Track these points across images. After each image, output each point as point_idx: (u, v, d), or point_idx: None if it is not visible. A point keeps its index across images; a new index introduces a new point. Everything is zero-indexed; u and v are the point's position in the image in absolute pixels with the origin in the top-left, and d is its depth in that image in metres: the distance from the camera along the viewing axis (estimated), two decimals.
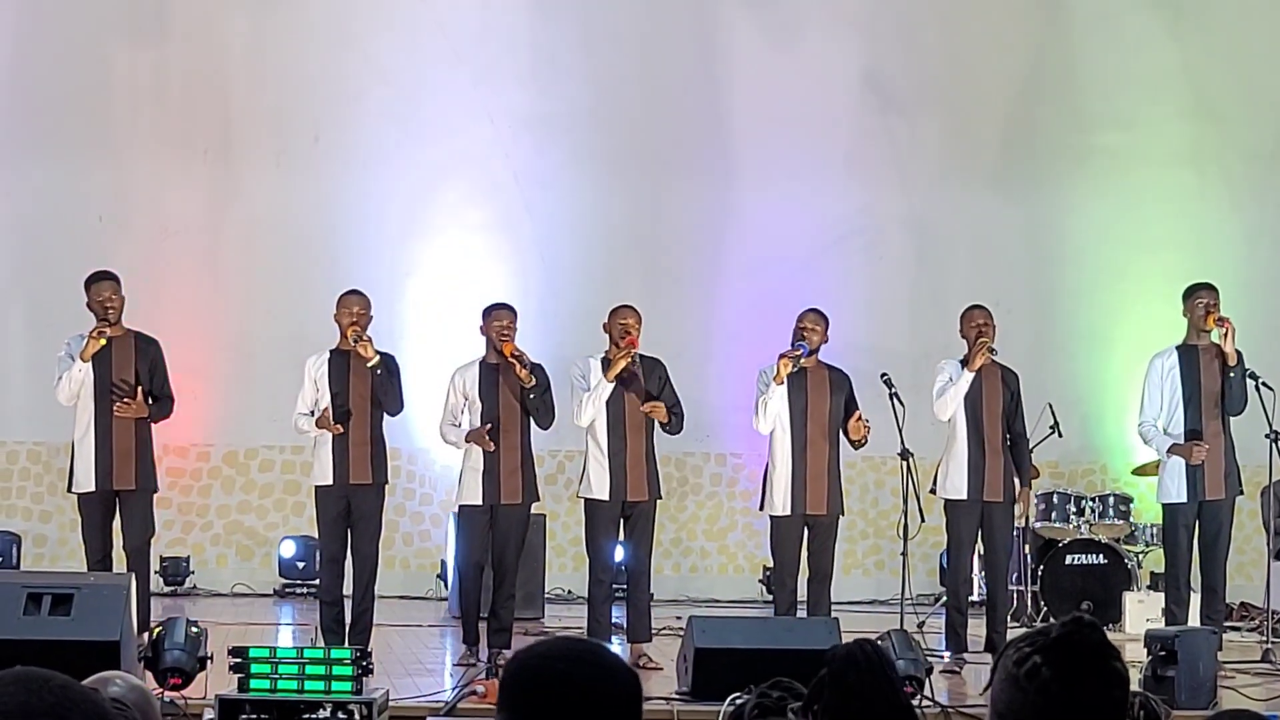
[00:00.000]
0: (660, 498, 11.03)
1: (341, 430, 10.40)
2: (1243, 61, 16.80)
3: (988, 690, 3.22)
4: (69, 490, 10.69)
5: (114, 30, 15.90)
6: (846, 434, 10.85)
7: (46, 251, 15.60)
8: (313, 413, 10.56)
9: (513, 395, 10.62)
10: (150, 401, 10.59)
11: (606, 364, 10.69)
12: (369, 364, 10.41)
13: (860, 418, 10.80)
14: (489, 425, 10.55)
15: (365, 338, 10.41)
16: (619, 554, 10.95)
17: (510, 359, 10.52)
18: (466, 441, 10.63)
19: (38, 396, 14.95)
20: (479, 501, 10.63)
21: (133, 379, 10.53)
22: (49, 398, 14.41)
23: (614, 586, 10.95)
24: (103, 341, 10.34)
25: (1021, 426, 11.20)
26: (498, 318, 10.73)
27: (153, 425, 10.65)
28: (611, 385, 10.64)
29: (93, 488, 10.41)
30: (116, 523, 10.62)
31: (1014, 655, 3.12)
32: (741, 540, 16.20)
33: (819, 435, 10.79)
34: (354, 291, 10.74)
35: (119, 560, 10.55)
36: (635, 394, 10.74)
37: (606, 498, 10.68)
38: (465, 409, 10.75)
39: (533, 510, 11.21)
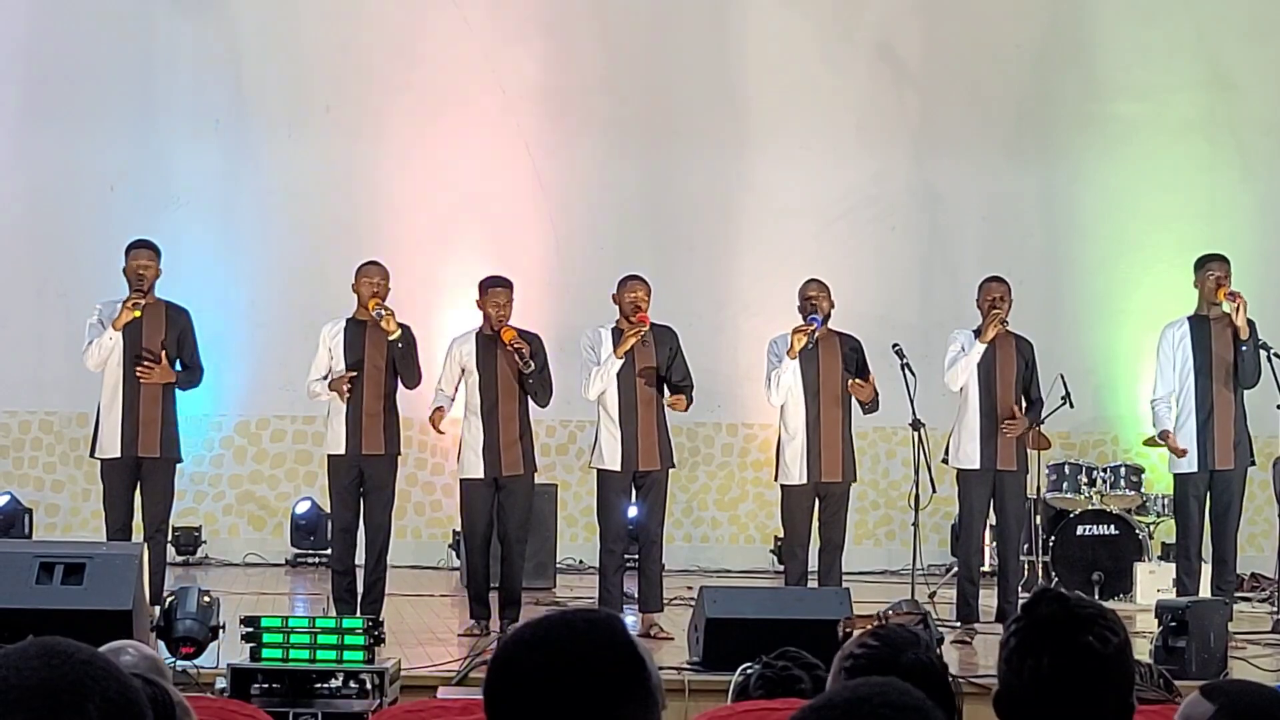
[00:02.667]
0: (673, 467, 11.01)
1: (353, 377, 10.37)
2: (1257, 31, 16.75)
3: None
4: (92, 455, 10.68)
5: (126, 1, 15.89)
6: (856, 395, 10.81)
7: (58, 221, 15.63)
8: (326, 378, 10.56)
9: (509, 366, 10.59)
10: (179, 369, 10.58)
11: (617, 335, 10.66)
12: (390, 337, 10.41)
13: (863, 383, 10.75)
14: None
15: (388, 310, 10.41)
16: (631, 513, 10.91)
17: (510, 348, 10.47)
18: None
19: (49, 365, 15.02)
20: (480, 475, 10.60)
21: (165, 349, 10.52)
22: (60, 366, 14.47)
23: (625, 557, 10.95)
24: (137, 313, 10.33)
25: (1037, 393, 11.19)
26: (494, 295, 10.62)
27: (177, 396, 10.63)
28: (621, 361, 10.62)
29: (118, 454, 10.39)
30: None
31: (1010, 629, 3.16)
32: (753, 510, 16.21)
33: (831, 403, 10.78)
34: (373, 262, 10.72)
35: (138, 530, 10.54)
36: (647, 370, 10.70)
37: (618, 468, 10.66)
38: (462, 380, 10.73)
39: (546, 481, 11.18)
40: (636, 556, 10.97)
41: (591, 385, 10.67)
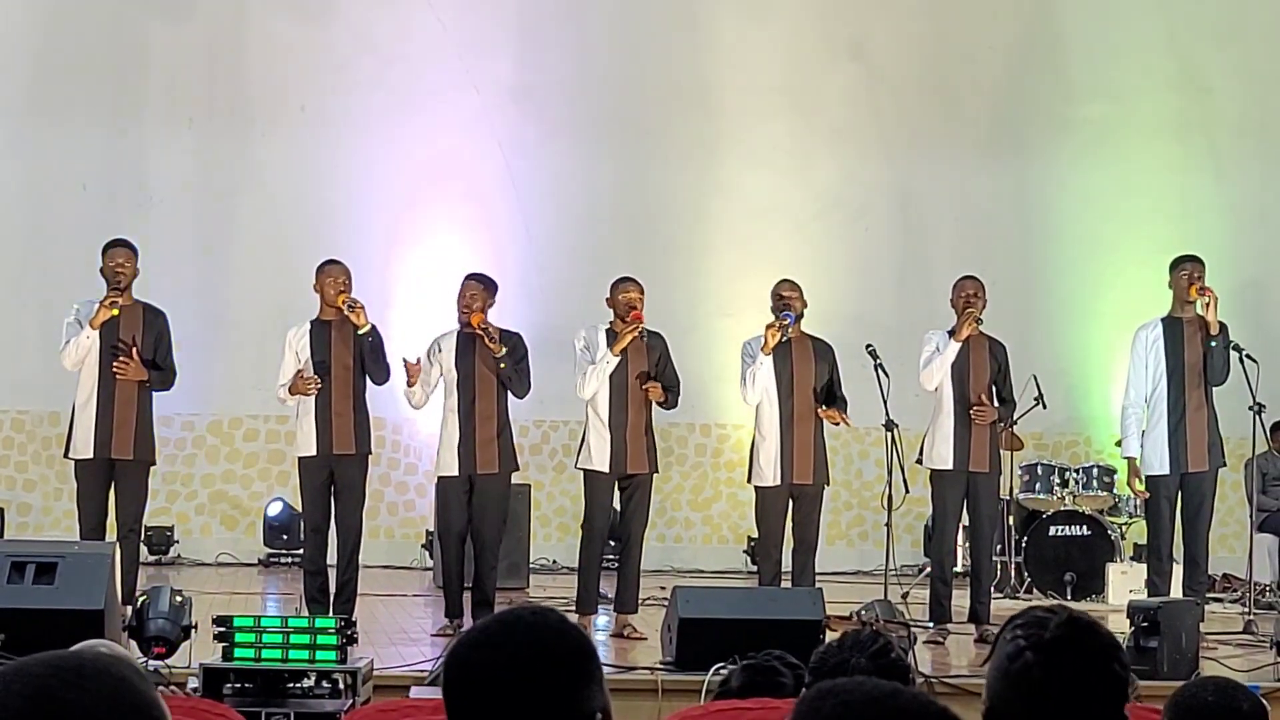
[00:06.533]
0: (657, 471, 11.00)
1: (319, 385, 10.37)
2: (1229, 33, 16.80)
3: (986, 664, 3.20)
4: (66, 456, 10.63)
5: (100, 0, 15.87)
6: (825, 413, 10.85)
7: (31, 220, 15.59)
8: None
9: (487, 365, 10.59)
10: (153, 371, 10.54)
11: (611, 335, 10.66)
12: (361, 331, 10.39)
13: (839, 413, 10.82)
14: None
15: (359, 305, 10.39)
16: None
17: (478, 331, 10.49)
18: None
19: (22, 364, 14.96)
20: (455, 473, 10.60)
21: (137, 345, 10.48)
22: (33, 365, 14.40)
23: (604, 557, 10.94)
24: (115, 311, 10.29)
25: (1009, 394, 11.19)
26: (467, 288, 10.67)
27: (153, 397, 10.60)
28: (617, 359, 10.61)
29: (90, 454, 10.35)
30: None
31: (1009, 647, 3.07)
32: (726, 511, 16.21)
33: (805, 406, 10.78)
34: (334, 261, 10.70)
35: (111, 531, 10.50)
36: (640, 373, 10.70)
37: (606, 469, 10.65)
38: (441, 378, 10.73)
39: (519, 481, 11.13)
40: (614, 557, 10.97)
41: (587, 384, 10.65)
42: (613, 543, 11.25)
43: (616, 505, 10.94)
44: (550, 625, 2.60)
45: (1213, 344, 10.93)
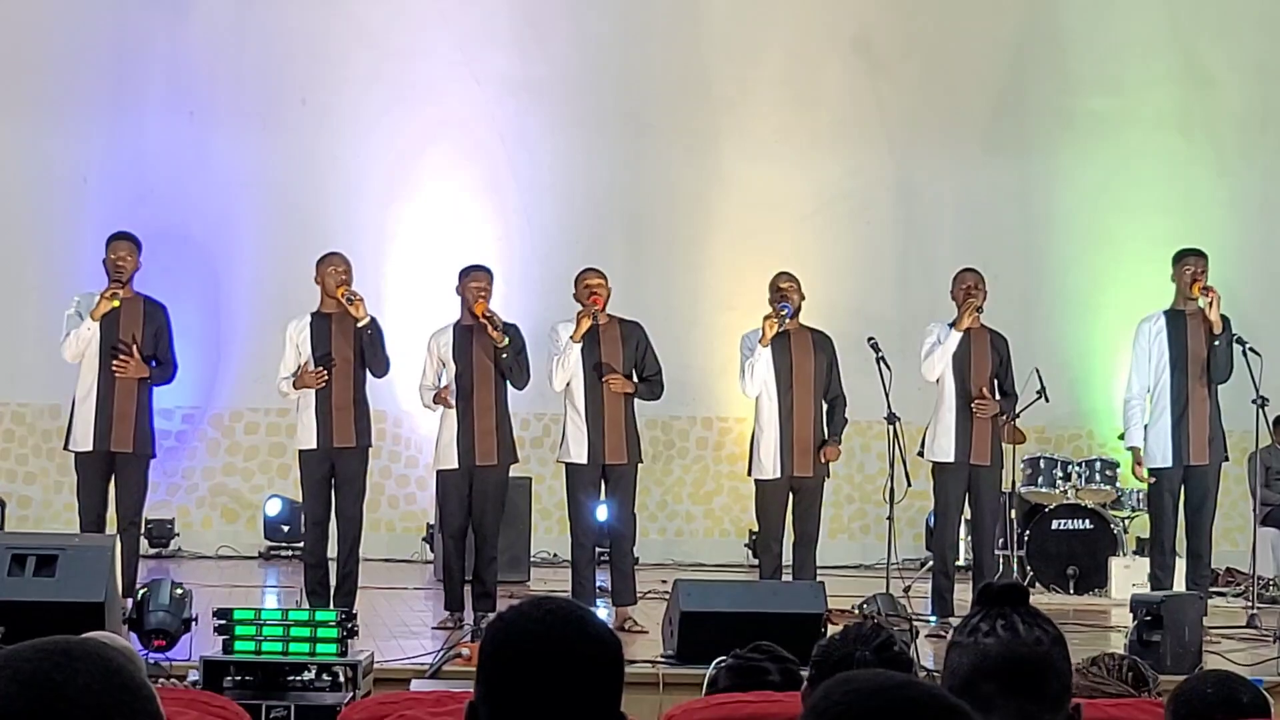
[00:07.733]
0: (641, 461, 10.97)
1: (325, 376, 10.36)
2: (1231, 26, 16.78)
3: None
4: (65, 448, 10.63)
5: None
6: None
7: (32, 213, 15.56)
8: (295, 375, 10.52)
9: (486, 357, 10.57)
10: (154, 365, 10.53)
11: None
12: (360, 323, 10.38)
13: (834, 447, 10.86)
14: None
15: (357, 296, 10.38)
16: (602, 514, 10.90)
17: (482, 319, 10.48)
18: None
19: (22, 357, 14.94)
20: (455, 465, 10.59)
21: (137, 341, 10.47)
22: (33, 358, 14.38)
23: (597, 550, 10.93)
24: (115, 303, 10.29)
25: (1011, 387, 11.18)
26: (473, 279, 10.67)
27: (153, 390, 10.59)
28: (578, 346, 10.60)
29: (90, 447, 10.35)
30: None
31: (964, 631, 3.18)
32: (727, 504, 16.19)
33: (805, 398, 10.77)
34: (335, 253, 10.71)
35: (112, 523, 10.49)
36: (611, 363, 10.68)
37: (585, 461, 10.64)
38: (441, 371, 10.71)
39: (519, 474, 11.11)
40: (608, 550, 10.96)
41: (555, 375, 10.67)
42: (606, 533, 11.22)
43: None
44: (587, 617, 2.66)
45: (1216, 344, 10.91)
